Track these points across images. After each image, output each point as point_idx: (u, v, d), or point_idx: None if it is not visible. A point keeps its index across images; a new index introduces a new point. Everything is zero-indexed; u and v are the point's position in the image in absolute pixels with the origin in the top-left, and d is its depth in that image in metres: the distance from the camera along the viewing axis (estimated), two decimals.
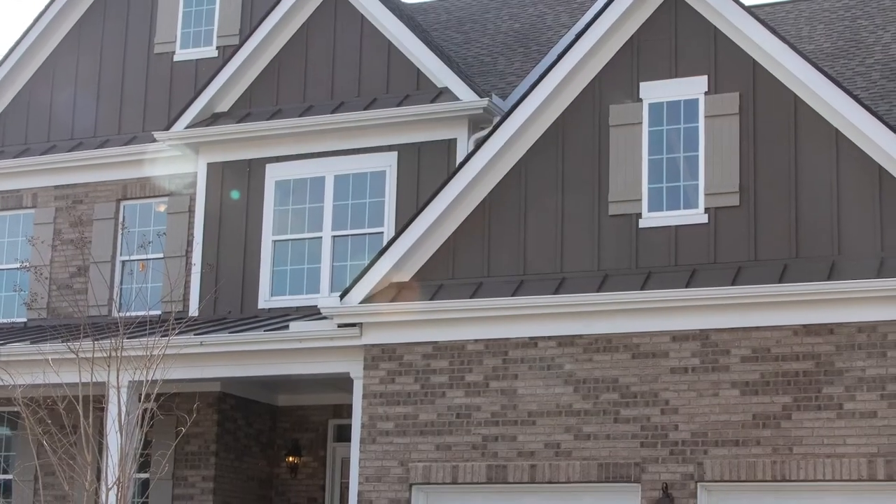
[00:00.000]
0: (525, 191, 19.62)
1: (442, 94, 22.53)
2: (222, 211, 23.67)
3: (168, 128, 24.09)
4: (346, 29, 23.70)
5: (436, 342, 19.43)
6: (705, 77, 19.03)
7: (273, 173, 23.48)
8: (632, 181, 19.08)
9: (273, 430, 23.96)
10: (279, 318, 21.77)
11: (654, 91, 19.27)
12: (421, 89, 22.86)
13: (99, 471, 16.98)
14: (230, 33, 25.26)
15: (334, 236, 22.91)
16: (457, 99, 22.26)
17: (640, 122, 19.23)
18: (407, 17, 24.54)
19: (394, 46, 23.28)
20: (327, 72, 23.70)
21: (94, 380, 16.65)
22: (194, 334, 20.76)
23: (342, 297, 19.87)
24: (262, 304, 23.00)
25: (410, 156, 22.60)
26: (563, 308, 18.69)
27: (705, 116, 18.92)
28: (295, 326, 20.44)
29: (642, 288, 18.37)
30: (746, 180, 18.53)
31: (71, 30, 26.57)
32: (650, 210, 18.99)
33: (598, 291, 18.58)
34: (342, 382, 20.82)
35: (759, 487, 17.64)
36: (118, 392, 16.77)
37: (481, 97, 22.02)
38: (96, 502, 16.98)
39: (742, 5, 18.85)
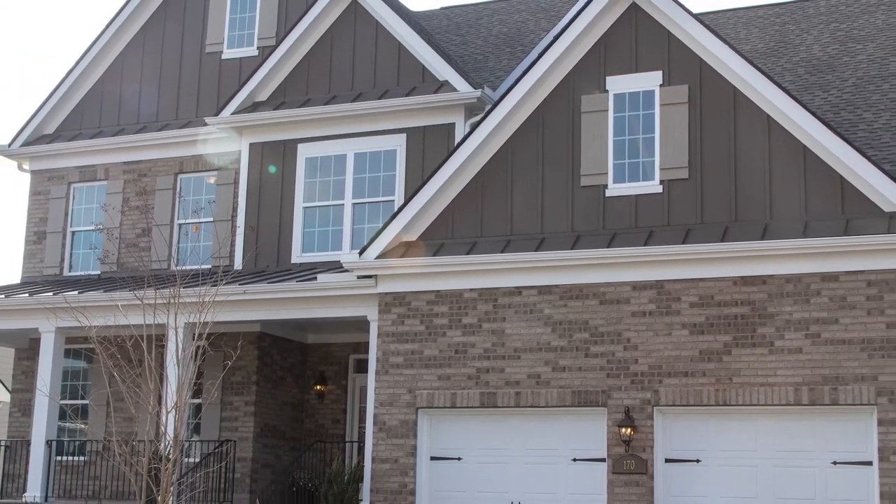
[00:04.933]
0: (511, 166, 19.51)
1: (443, 86, 22.43)
2: (262, 183, 23.60)
3: (217, 114, 24.02)
4: (364, 32, 23.57)
5: (438, 291, 19.38)
6: (660, 72, 18.89)
7: (303, 152, 23.39)
8: (599, 158, 18.97)
9: (303, 364, 23.92)
10: (309, 271, 21.72)
11: (618, 84, 19.14)
12: (425, 82, 22.75)
13: (160, 397, 16.92)
14: (268, 36, 25.13)
15: (354, 203, 22.82)
16: (455, 90, 22.17)
17: (607, 110, 19.11)
18: (414, 22, 24.40)
19: (403, 47, 23.15)
20: (348, 68, 23.57)
21: (155, 322, 16.57)
22: (238, 284, 20.75)
23: (361, 253, 19.82)
24: (294, 260, 22.93)
25: (417, 137, 22.50)
26: (543, 262, 18.62)
27: (660, 105, 18.79)
28: (322, 278, 20.39)
29: (608, 246, 18.31)
30: (694, 157, 18.43)
31: (136, 33, 26.43)
32: (615, 182, 18.88)
33: (571, 249, 18.52)
34: (361, 324, 20.80)
35: (704, 411, 17.62)
36: (176, 332, 16.69)
37: (475, 89, 21.94)
38: (158, 423, 16.94)
39: (691, 13, 18.73)
